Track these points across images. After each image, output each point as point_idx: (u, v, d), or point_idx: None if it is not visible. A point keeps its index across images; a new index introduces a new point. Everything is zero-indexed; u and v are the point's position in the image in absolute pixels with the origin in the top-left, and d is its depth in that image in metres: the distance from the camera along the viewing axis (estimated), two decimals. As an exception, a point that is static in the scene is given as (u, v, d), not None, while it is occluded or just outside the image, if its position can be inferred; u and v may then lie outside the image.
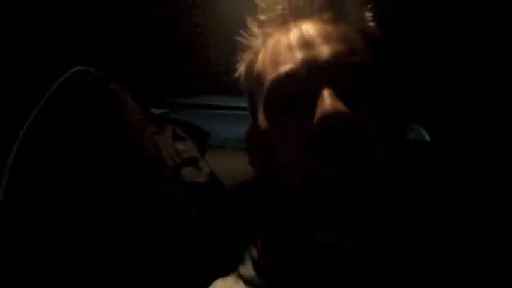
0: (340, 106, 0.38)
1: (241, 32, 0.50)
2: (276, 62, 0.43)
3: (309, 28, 0.43)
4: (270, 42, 0.46)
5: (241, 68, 0.52)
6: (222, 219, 0.64)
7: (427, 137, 0.87)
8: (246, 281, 0.46)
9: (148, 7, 0.75)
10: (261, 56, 0.47)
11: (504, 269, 0.47)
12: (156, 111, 0.90)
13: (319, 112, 0.38)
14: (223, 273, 0.54)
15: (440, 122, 0.86)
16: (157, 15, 0.76)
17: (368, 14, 0.47)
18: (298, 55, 0.42)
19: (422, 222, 0.54)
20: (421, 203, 0.60)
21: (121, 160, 0.57)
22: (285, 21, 0.45)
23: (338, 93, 0.39)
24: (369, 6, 0.47)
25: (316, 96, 0.39)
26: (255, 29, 0.48)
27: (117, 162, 0.56)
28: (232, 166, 0.71)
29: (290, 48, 0.43)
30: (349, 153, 0.38)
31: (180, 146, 0.64)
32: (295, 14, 0.45)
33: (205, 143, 0.72)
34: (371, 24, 0.47)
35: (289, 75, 0.42)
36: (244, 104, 0.92)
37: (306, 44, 0.42)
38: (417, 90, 0.81)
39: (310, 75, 0.41)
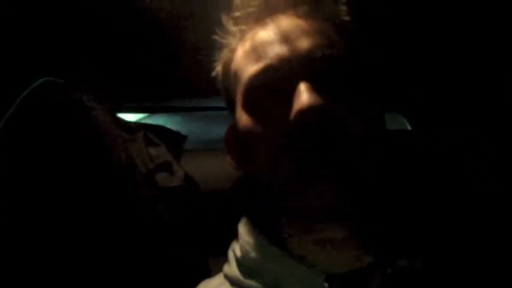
0: (317, 100, 0.37)
1: (217, 30, 0.49)
2: (252, 58, 0.43)
3: (285, 23, 0.43)
4: (247, 38, 0.45)
5: (218, 67, 0.51)
6: (199, 221, 0.64)
7: (408, 127, 0.87)
8: (231, 281, 0.46)
9: (133, 10, 0.75)
10: (237, 54, 0.47)
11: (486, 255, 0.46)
12: (133, 116, 0.90)
13: (295, 107, 0.38)
14: (205, 274, 0.54)
15: (424, 112, 0.86)
16: (140, 18, 0.76)
17: (343, 8, 0.47)
18: (275, 50, 0.41)
19: (408, 211, 0.54)
20: (405, 192, 0.60)
21: (92, 168, 0.57)
22: (260, 17, 0.45)
23: (315, 87, 0.39)
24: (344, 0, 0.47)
25: (293, 91, 0.39)
26: (231, 27, 0.48)
27: (87, 171, 0.56)
28: (211, 168, 0.71)
29: (266, 43, 0.42)
30: (329, 148, 0.38)
31: (152, 151, 0.64)
32: (270, 10, 0.44)
33: (181, 146, 0.72)
34: (346, 18, 0.47)
35: (266, 71, 0.41)
36: (221, 105, 0.92)
37: (282, 38, 0.42)
38: (407, 87, 0.81)
39: (287, 70, 0.40)
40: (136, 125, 0.69)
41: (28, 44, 0.72)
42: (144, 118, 0.95)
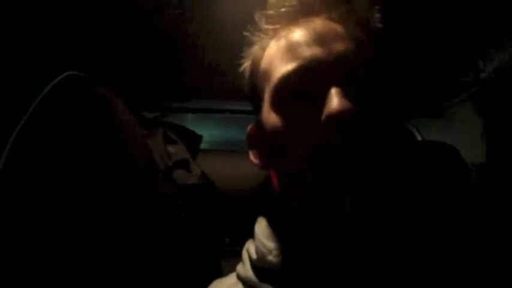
0: (347, 105, 0.38)
1: (249, 27, 0.49)
2: (286, 57, 0.43)
3: (319, 25, 0.44)
4: (280, 36, 0.46)
5: (246, 64, 0.52)
6: (214, 219, 0.65)
7: (419, 136, 0.88)
8: (244, 282, 0.46)
9: (147, 9, 0.75)
10: (269, 52, 0.47)
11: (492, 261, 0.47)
12: (150, 114, 0.91)
13: (327, 110, 0.39)
14: (218, 273, 0.54)
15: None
16: (154, 17, 0.77)
17: (376, 15, 0.47)
18: (309, 51, 0.42)
19: (417, 215, 0.54)
20: (417, 198, 0.61)
21: (112, 164, 0.57)
22: (293, 17, 0.45)
23: (346, 91, 0.39)
24: (377, 7, 0.47)
25: (325, 93, 0.40)
26: (263, 25, 0.48)
27: (108, 166, 0.57)
28: (225, 169, 0.71)
29: (301, 44, 0.43)
30: (356, 148, 0.39)
31: (171, 148, 0.65)
32: (304, 11, 0.45)
33: (197, 145, 0.72)
34: (377, 25, 0.47)
35: (299, 71, 0.42)
36: (238, 107, 0.93)
37: (317, 40, 0.42)
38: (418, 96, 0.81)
39: (320, 72, 0.41)
40: (156, 122, 0.70)
41: (30, 44, 0.72)
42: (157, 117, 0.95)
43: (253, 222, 0.51)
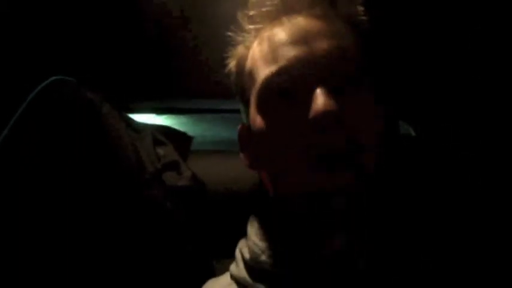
0: (333, 105, 0.38)
1: (232, 27, 0.49)
2: (268, 59, 0.43)
3: (301, 24, 0.43)
4: (262, 37, 0.46)
5: (232, 64, 0.52)
6: (206, 221, 0.64)
7: (412, 132, 0.87)
8: (238, 282, 0.46)
9: (140, 8, 0.75)
10: (252, 52, 0.47)
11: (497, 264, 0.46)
12: (139, 116, 0.91)
13: (312, 111, 0.38)
14: (211, 274, 0.54)
15: (427, 116, 0.86)
16: (146, 16, 0.77)
17: (360, 8, 0.47)
18: (291, 52, 0.41)
19: (415, 217, 0.54)
20: (413, 197, 0.60)
21: (100, 167, 0.57)
22: (276, 16, 0.45)
23: (331, 91, 0.39)
24: (360, 0, 0.47)
25: (309, 93, 0.39)
26: (246, 25, 0.48)
27: (96, 169, 0.57)
28: (216, 170, 0.71)
29: (283, 44, 0.42)
30: (343, 150, 0.39)
31: (160, 150, 0.64)
32: (287, 9, 0.45)
33: (187, 147, 0.72)
34: (362, 18, 0.47)
35: (282, 73, 0.41)
36: (229, 107, 0.92)
37: (298, 40, 0.42)
38: (412, 93, 0.81)
39: (303, 72, 0.41)
40: (144, 124, 0.70)
41: (30, 44, 0.72)
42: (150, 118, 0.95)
43: (246, 222, 0.51)
